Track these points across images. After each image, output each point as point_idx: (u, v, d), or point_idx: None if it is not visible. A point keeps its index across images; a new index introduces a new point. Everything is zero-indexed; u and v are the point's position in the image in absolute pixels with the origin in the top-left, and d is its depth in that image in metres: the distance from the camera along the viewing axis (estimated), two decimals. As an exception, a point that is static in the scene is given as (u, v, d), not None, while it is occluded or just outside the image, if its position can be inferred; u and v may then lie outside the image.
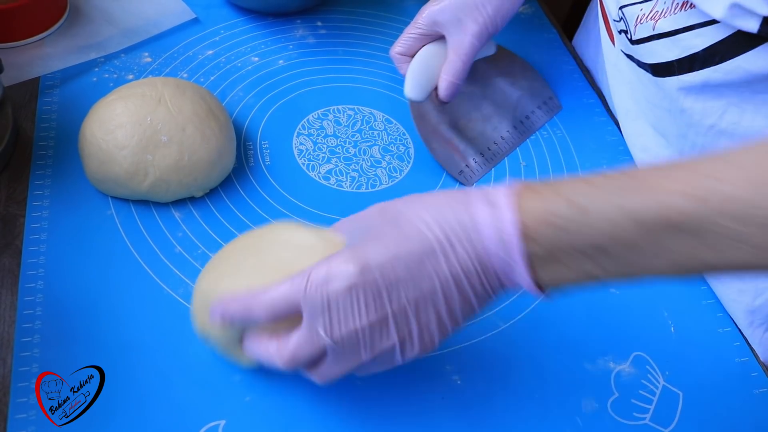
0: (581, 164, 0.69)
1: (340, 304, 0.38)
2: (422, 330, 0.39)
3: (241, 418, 0.48)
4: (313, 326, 0.39)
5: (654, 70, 0.58)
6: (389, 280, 0.38)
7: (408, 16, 0.82)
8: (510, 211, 0.37)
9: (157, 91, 0.58)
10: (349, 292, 0.38)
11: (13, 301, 0.51)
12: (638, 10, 0.57)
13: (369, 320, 0.39)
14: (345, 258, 0.39)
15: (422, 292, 0.39)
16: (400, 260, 0.38)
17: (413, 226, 0.39)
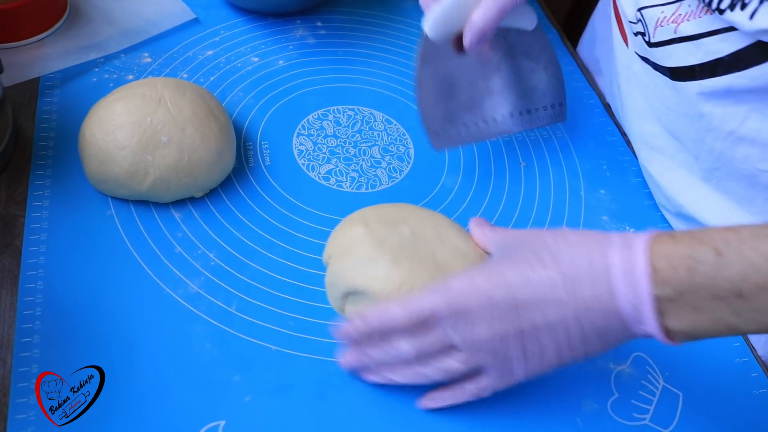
0: (581, 164, 0.69)
1: (473, 314, 0.42)
2: (543, 353, 0.43)
3: (241, 418, 0.48)
4: (446, 328, 0.43)
5: (673, 73, 0.56)
6: (518, 301, 0.41)
7: (408, 16, 0.83)
8: (643, 253, 0.39)
9: (157, 91, 0.58)
10: (482, 305, 0.42)
11: (13, 301, 0.51)
12: (659, 12, 0.56)
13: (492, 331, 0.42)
14: (484, 274, 0.43)
15: (546, 320, 0.41)
16: (532, 286, 0.41)
17: (551, 256, 0.42)
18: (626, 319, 0.40)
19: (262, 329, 0.53)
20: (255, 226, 0.59)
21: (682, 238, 0.39)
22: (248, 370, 0.50)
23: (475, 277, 0.43)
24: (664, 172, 0.63)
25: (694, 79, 0.54)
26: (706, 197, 0.59)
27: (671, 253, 0.38)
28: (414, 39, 0.80)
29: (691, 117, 0.56)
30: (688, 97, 0.56)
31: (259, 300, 0.54)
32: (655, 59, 0.58)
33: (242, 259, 0.57)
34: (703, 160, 0.57)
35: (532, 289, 0.41)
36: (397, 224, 0.52)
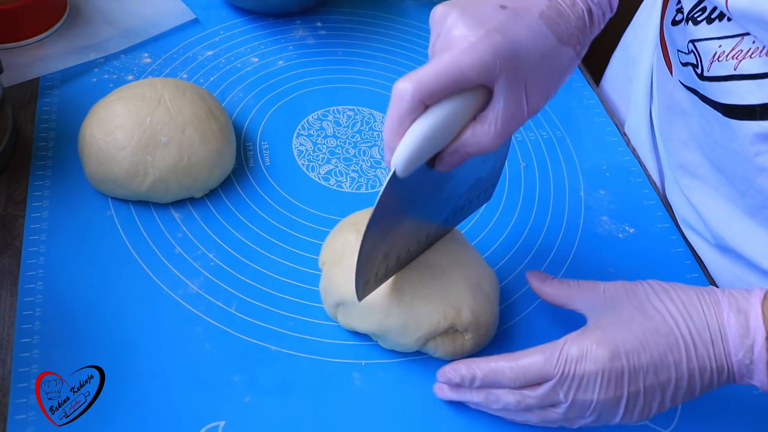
0: (581, 165, 0.69)
1: (585, 379, 0.43)
2: (645, 407, 0.43)
3: (241, 418, 0.48)
4: (557, 389, 0.44)
5: (728, 110, 0.53)
6: (633, 367, 0.42)
7: (408, 17, 0.83)
8: (761, 323, 0.41)
9: (157, 91, 0.58)
10: (597, 372, 0.42)
11: (13, 301, 0.51)
12: (716, 46, 0.52)
13: (606, 396, 0.43)
14: (597, 341, 0.43)
15: (658, 380, 0.42)
16: (647, 351, 0.42)
17: (662, 319, 0.43)
18: (735, 375, 0.42)
19: (262, 329, 0.53)
20: (255, 226, 0.59)
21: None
22: (248, 370, 0.50)
23: (591, 345, 0.43)
24: (706, 201, 0.61)
25: (752, 119, 0.51)
26: (750, 232, 0.57)
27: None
28: (414, 39, 0.80)
29: (742, 156, 0.53)
30: (741, 135, 0.52)
31: (259, 300, 0.54)
32: (707, 93, 0.55)
33: (242, 259, 0.57)
34: (751, 198, 0.55)
35: (649, 354, 0.42)
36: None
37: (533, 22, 0.41)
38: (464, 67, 0.39)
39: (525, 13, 0.42)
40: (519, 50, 0.40)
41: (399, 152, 0.41)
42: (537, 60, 0.41)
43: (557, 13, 0.42)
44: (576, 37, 0.43)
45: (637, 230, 0.64)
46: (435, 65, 0.39)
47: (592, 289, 0.48)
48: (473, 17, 0.41)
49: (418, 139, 0.40)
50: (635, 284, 0.46)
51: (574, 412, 0.44)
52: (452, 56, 0.39)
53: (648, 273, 0.61)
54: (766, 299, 0.42)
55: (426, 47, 0.78)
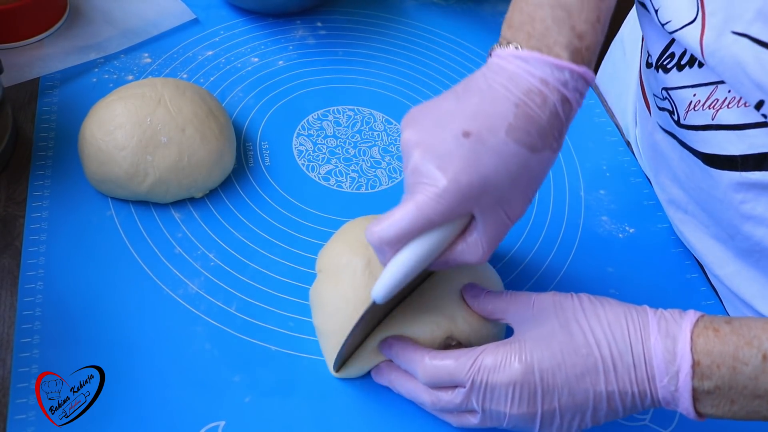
0: (581, 164, 0.69)
1: (497, 392, 0.42)
2: (563, 425, 0.42)
3: (241, 418, 0.48)
4: (470, 396, 0.43)
5: (707, 159, 0.50)
6: (547, 386, 0.41)
7: (408, 17, 0.83)
8: (688, 350, 0.39)
9: (157, 91, 0.58)
10: (509, 385, 0.41)
11: (13, 302, 0.51)
12: (690, 94, 0.49)
13: (519, 411, 0.41)
14: (513, 354, 0.41)
15: (574, 401, 0.41)
16: (562, 371, 0.41)
17: (584, 339, 0.41)
18: (660, 401, 0.40)
19: (262, 329, 0.53)
20: (255, 226, 0.59)
21: (727, 335, 0.39)
22: (248, 370, 0.50)
23: (506, 357, 0.42)
24: (700, 237, 0.57)
25: (734, 169, 0.48)
26: (744, 272, 0.54)
27: (715, 350, 0.38)
28: (414, 39, 0.80)
29: (726, 203, 0.50)
30: (723, 184, 0.49)
31: (259, 300, 0.54)
32: (686, 140, 0.52)
33: (242, 259, 0.57)
34: (740, 242, 0.52)
35: (564, 375, 0.41)
36: None
37: (500, 145, 0.40)
38: (432, 216, 0.40)
39: (490, 135, 0.40)
40: (489, 181, 0.40)
41: (378, 288, 0.42)
42: (510, 180, 0.40)
43: (526, 120, 0.40)
44: (551, 137, 0.41)
45: (637, 230, 0.64)
46: (402, 212, 0.40)
47: (523, 302, 0.45)
48: (435, 156, 0.40)
49: (398, 277, 0.41)
50: (565, 297, 0.44)
51: (490, 422, 0.43)
52: (418, 206, 0.39)
53: (648, 273, 0.61)
54: (699, 324, 0.40)
55: (425, 47, 0.79)
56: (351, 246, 0.51)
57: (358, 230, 0.52)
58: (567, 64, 0.41)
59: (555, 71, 0.41)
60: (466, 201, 0.40)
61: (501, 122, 0.40)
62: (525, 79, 0.41)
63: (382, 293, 0.42)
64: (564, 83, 0.41)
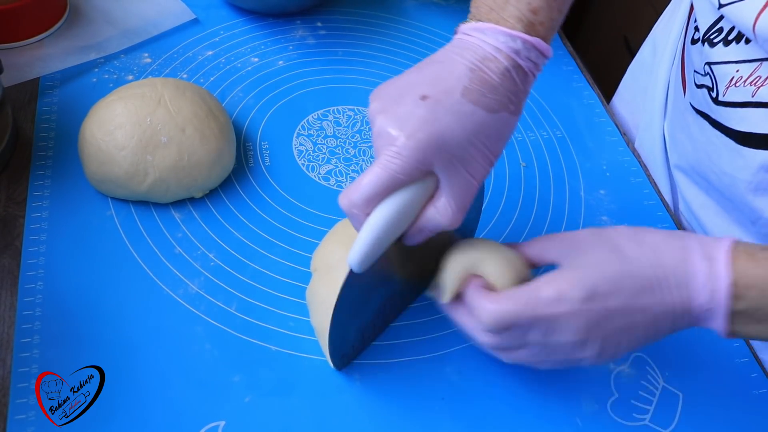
0: (581, 164, 0.69)
1: (559, 323, 0.42)
2: (614, 349, 0.43)
3: (241, 418, 0.48)
4: (530, 331, 0.43)
5: (742, 138, 0.51)
6: (606, 310, 0.42)
7: (408, 17, 0.83)
8: (726, 271, 0.41)
9: (157, 91, 0.58)
10: (571, 315, 0.42)
11: (13, 302, 0.51)
12: (733, 70, 0.50)
13: (578, 338, 0.42)
14: (572, 282, 0.42)
15: (629, 323, 0.42)
16: (620, 293, 0.42)
17: (634, 263, 0.42)
18: (697, 320, 0.42)
19: (262, 329, 0.53)
20: (255, 226, 0.59)
21: (760, 259, 0.41)
22: (248, 370, 0.50)
23: (564, 286, 0.42)
24: (719, 223, 0.59)
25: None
26: None
27: (750, 273, 0.40)
28: (414, 39, 0.80)
29: (753, 185, 0.52)
30: (755, 164, 0.51)
31: (259, 300, 0.54)
32: (720, 119, 0.53)
33: (242, 259, 0.57)
34: (762, 226, 0.54)
35: (622, 297, 0.42)
36: None
37: (456, 105, 0.42)
38: (395, 174, 0.41)
39: (446, 97, 0.42)
40: (445, 138, 0.41)
41: (352, 254, 0.42)
42: (468, 138, 0.42)
43: (481, 83, 0.42)
44: (506, 99, 0.43)
45: (637, 230, 0.64)
46: (369, 175, 0.42)
47: (561, 238, 0.46)
48: (395, 119, 0.42)
49: (370, 240, 0.42)
50: (604, 228, 0.45)
51: (545, 354, 0.44)
52: (382, 166, 0.41)
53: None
54: (735, 248, 0.41)
55: (425, 47, 0.79)
56: (343, 244, 0.51)
57: (349, 228, 0.52)
58: (519, 34, 0.44)
59: (508, 40, 0.43)
60: (425, 157, 0.41)
61: (457, 85, 0.42)
62: (480, 47, 0.44)
63: (356, 259, 0.42)
64: (516, 51, 0.43)
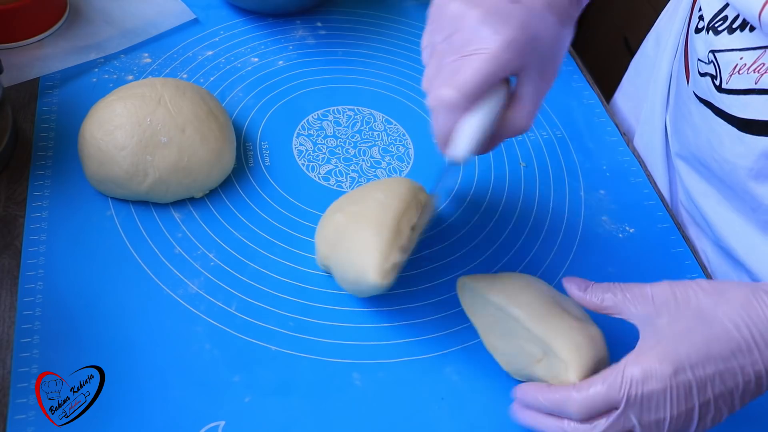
0: (581, 164, 0.69)
1: (654, 400, 0.41)
2: (717, 413, 0.42)
3: (241, 418, 0.48)
4: (627, 413, 0.42)
5: (744, 125, 0.52)
6: (700, 379, 0.41)
7: (408, 17, 0.83)
8: None
9: (157, 91, 0.58)
10: (664, 390, 0.41)
11: (13, 301, 0.51)
12: (737, 58, 0.51)
13: (677, 411, 0.41)
14: (659, 357, 0.41)
15: (726, 387, 0.41)
16: (711, 361, 0.41)
17: (722, 325, 0.41)
18: None
19: (262, 329, 0.53)
20: (255, 226, 0.59)
21: None
22: (248, 370, 0.50)
23: (653, 363, 0.41)
24: (718, 210, 0.60)
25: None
26: (762, 247, 0.56)
27: None
28: (414, 39, 0.80)
29: (754, 172, 0.53)
30: (756, 151, 0.52)
31: (258, 300, 0.54)
32: (723, 106, 0.54)
33: (242, 259, 0.57)
34: (762, 213, 0.55)
35: (714, 364, 0.41)
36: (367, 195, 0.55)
37: (543, 13, 0.44)
38: (498, 69, 0.43)
39: (534, 4, 0.44)
40: (537, 44, 0.44)
41: (461, 147, 0.45)
42: (548, 47, 0.45)
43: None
44: (571, 16, 0.46)
45: (637, 230, 0.64)
46: (473, 69, 0.43)
47: (639, 297, 0.45)
48: (494, 16, 0.43)
49: (476, 135, 0.45)
50: (685, 285, 0.44)
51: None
52: (487, 59, 0.42)
53: (648, 273, 0.61)
54: None
55: (426, 47, 0.78)
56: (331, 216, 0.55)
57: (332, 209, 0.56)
58: None
59: None
60: (520, 58, 0.43)
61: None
62: None
63: (465, 148, 0.44)
64: None
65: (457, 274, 0.58)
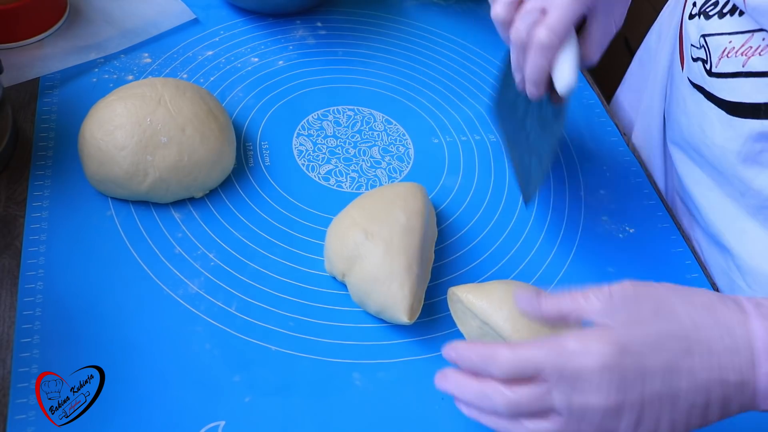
0: (581, 164, 0.69)
1: (585, 378, 0.37)
2: (656, 427, 0.38)
3: (241, 418, 0.48)
4: (553, 386, 0.38)
5: (731, 108, 0.53)
6: (640, 369, 0.37)
7: (408, 17, 0.83)
8: None
9: (157, 91, 0.58)
10: (599, 370, 0.37)
11: (13, 301, 0.51)
12: (726, 41, 0.53)
13: (607, 402, 0.37)
14: (602, 337, 0.38)
15: (668, 390, 0.37)
16: (658, 353, 0.37)
17: (679, 323, 0.38)
18: (757, 394, 0.38)
19: (262, 329, 0.53)
20: (255, 226, 0.59)
21: None
22: (248, 370, 0.50)
23: (594, 340, 0.38)
24: (710, 197, 0.60)
25: (757, 117, 0.51)
26: (750, 232, 0.56)
27: None
28: (414, 39, 0.80)
29: (742, 155, 0.53)
30: (743, 134, 0.53)
31: (259, 300, 0.54)
32: (713, 90, 0.55)
33: (242, 259, 0.57)
34: (751, 198, 0.55)
35: (660, 358, 0.37)
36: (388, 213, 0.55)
37: None
38: (580, 8, 0.48)
39: None
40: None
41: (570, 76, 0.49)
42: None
43: None
44: None
45: (637, 230, 0.64)
46: (561, 11, 0.48)
47: (599, 294, 0.41)
48: None
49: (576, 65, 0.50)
50: (647, 284, 0.41)
51: (570, 425, 0.39)
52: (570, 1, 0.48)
53: (648, 273, 0.61)
54: None
55: (425, 47, 0.79)
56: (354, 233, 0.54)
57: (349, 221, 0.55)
58: None
59: None
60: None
61: None
62: None
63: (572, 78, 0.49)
64: None
65: (457, 273, 0.58)
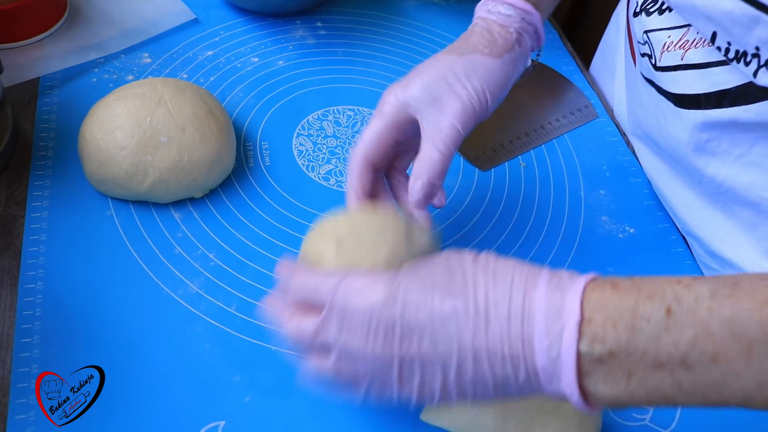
0: (581, 164, 0.69)
1: (354, 319, 0.37)
2: (426, 383, 0.36)
3: (241, 418, 0.48)
4: (327, 320, 0.38)
5: (677, 100, 0.54)
6: (407, 322, 0.36)
7: (408, 17, 0.83)
8: (575, 299, 0.33)
9: (157, 91, 0.58)
10: (366, 313, 0.36)
11: (13, 301, 0.51)
12: (665, 36, 0.54)
13: (373, 350, 0.36)
14: (380, 280, 0.37)
15: (435, 352, 0.35)
16: (427, 307, 0.35)
17: (462, 281, 0.36)
18: (537, 373, 0.34)
19: (262, 329, 0.53)
20: (255, 226, 0.59)
21: (626, 288, 0.33)
22: (248, 370, 0.50)
23: (372, 282, 0.37)
24: (673, 187, 0.61)
25: (699, 108, 0.52)
26: (712, 218, 0.57)
27: (611, 304, 0.32)
28: (414, 39, 0.80)
29: (692, 145, 0.55)
30: (690, 124, 0.54)
31: (259, 300, 0.54)
32: (660, 83, 0.56)
33: (242, 259, 0.57)
34: (707, 185, 0.56)
35: (428, 313, 0.35)
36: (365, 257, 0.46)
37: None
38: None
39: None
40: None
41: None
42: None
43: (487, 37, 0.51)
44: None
45: (637, 230, 0.64)
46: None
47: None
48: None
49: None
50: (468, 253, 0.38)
51: (345, 364, 0.38)
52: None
53: (648, 273, 0.60)
54: (596, 280, 0.34)
55: (425, 47, 0.79)
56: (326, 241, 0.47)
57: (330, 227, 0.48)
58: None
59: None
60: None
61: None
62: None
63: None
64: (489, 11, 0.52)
65: (457, 274, 0.58)
